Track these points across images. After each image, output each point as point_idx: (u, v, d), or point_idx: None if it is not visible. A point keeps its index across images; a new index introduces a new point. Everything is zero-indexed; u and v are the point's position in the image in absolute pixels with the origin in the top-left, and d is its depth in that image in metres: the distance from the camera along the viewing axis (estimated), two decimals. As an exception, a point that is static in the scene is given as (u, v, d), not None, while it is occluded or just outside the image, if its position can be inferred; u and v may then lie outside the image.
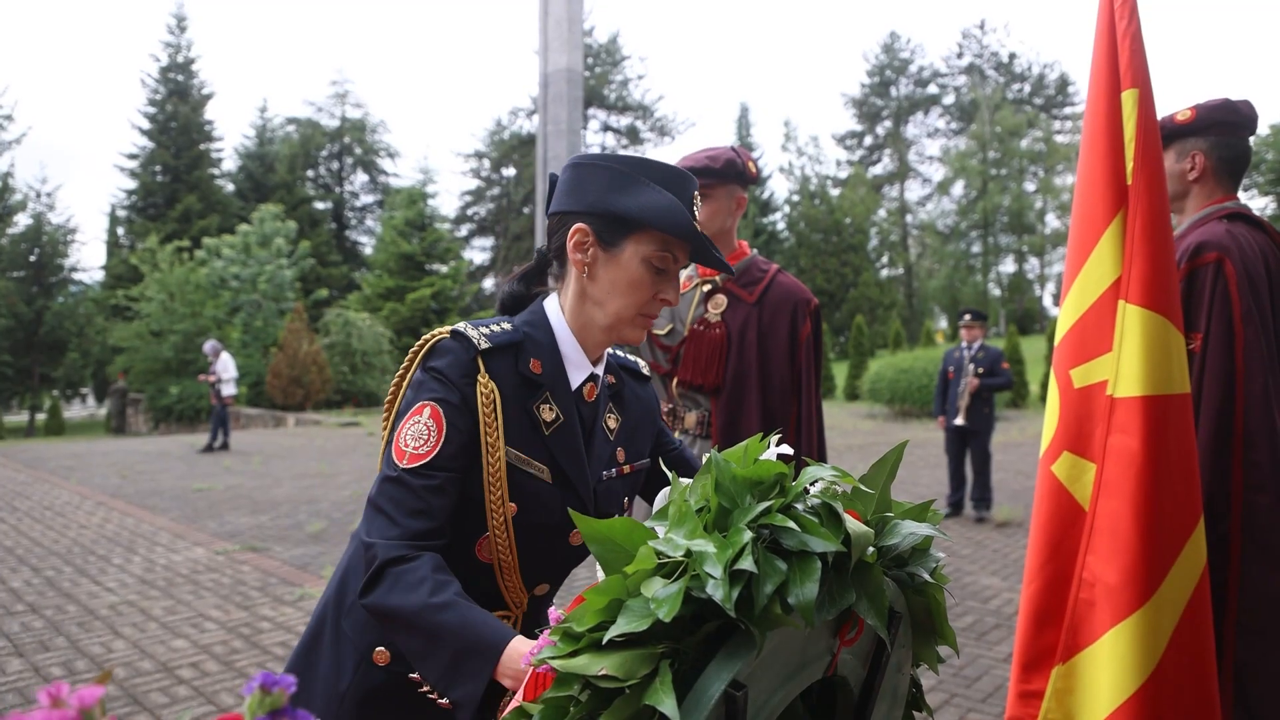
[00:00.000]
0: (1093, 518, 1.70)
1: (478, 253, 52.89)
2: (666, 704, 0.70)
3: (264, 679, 0.47)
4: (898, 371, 16.43)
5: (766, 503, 0.84)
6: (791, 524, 0.81)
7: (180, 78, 40.41)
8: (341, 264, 43.29)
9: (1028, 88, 53.83)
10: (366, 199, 51.06)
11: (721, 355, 2.26)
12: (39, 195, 35.60)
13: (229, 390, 13.32)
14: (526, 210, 48.82)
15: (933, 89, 55.00)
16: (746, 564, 0.76)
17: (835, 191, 41.41)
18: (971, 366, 6.72)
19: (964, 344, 6.92)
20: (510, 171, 52.53)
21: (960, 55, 54.53)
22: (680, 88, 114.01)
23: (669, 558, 0.80)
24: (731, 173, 2.28)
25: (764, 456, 0.93)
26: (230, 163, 44.22)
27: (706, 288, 2.35)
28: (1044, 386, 17.71)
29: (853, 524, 0.85)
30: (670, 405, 2.36)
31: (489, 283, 52.47)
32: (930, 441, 12.34)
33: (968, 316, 6.92)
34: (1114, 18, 1.80)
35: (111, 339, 27.15)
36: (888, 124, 55.36)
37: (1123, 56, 1.78)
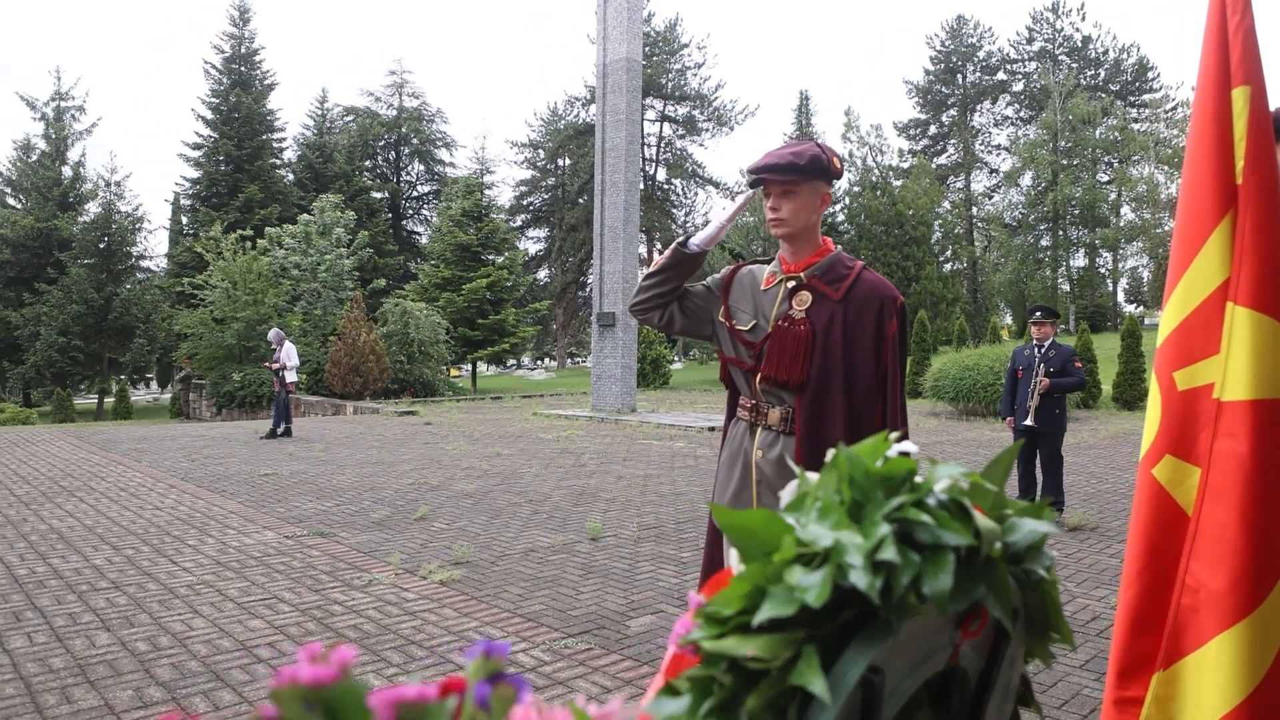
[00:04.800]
0: (1197, 523, 1.66)
1: (532, 243, 53.26)
2: (816, 684, 0.72)
3: (486, 646, 0.51)
4: (962, 369, 16.14)
5: (901, 498, 0.85)
6: (926, 518, 0.83)
7: (243, 69, 41.37)
8: (398, 254, 43.92)
9: (1103, 73, 52.24)
10: (422, 189, 51.73)
11: (806, 352, 2.25)
12: (108, 184, 36.78)
13: (292, 377, 13.62)
14: (582, 200, 48.97)
15: (1001, 75, 53.76)
16: (889, 554, 0.78)
17: (898, 183, 40.71)
18: (1042, 366, 6.58)
19: (1034, 342, 6.78)
20: (566, 161, 52.74)
21: (1031, 40, 53.14)
22: (739, 76, 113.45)
23: (809, 548, 0.81)
24: (817, 169, 2.27)
25: (889, 454, 0.94)
26: (290, 153, 45.17)
27: (791, 284, 2.34)
28: (1116, 387, 17.32)
29: (982, 520, 0.86)
30: (753, 401, 2.36)
31: (543, 273, 52.84)
32: (997, 442, 12.13)
33: (1038, 314, 6.77)
34: (1225, 13, 1.75)
35: (176, 325, 27.90)
36: (953, 112, 54.31)
37: (1234, 52, 1.73)
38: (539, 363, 62.82)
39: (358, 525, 6.69)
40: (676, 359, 45.75)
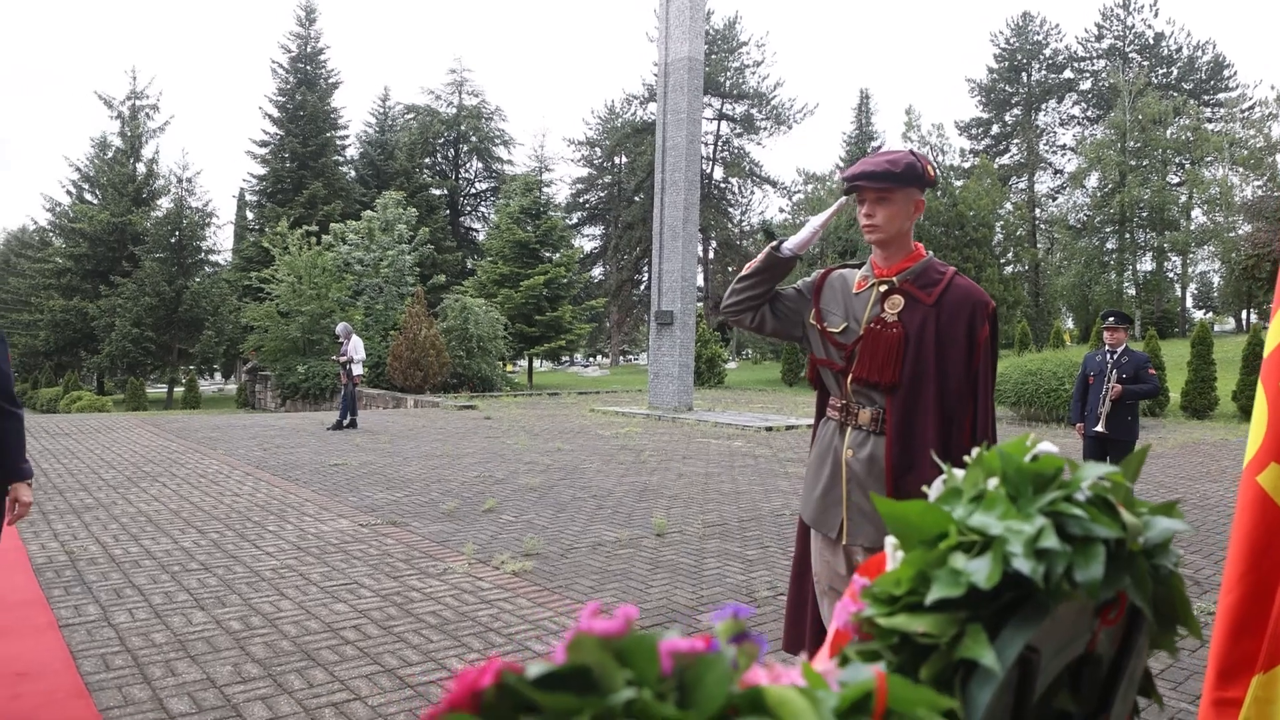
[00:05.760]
0: (1301, 529, 1.68)
1: (587, 240, 53.56)
2: (987, 656, 0.81)
3: (734, 609, 0.59)
4: (1024, 374, 15.89)
5: (1053, 492, 0.93)
6: (1078, 511, 0.91)
7: (308, 68, 42.27)
8: (455, 250, 44.50)
9: (1176, 71, 50.73)
10: (480, 186, 52.33)
11: (899, 354, 2.31)
12: (180, 181, 37.88)
13: (359, 371, 13.95)
14: (638, 198, 49.12)
15: (1068, 74, 52.50)
16: (1050, 542, 0.86)
17: (959, 183, 40.09)
18: (1114, 372, 6.50)
19: (1106, 347, 6.69)
20: (622, 159, 52.93)
21: (1100, 37, 51.82)
22: (798, 73, 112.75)
23: (973, 535, 0.90)
24: (911, 176, 2.32)
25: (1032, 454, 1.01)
26: (353, 150, 46.06)
27: (883, 288, 2.40)
28: (1185, 395, 16.89)
29: (1127, 515, 0.94)
30: (844, 401, 2.42)
31: (597, 270, 53.12)
32: (1064, 449, 11.93)
33: (1111, 318, 6.68)
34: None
35: (243, 318, 28.67)
36: (1017, 111, 53.24)
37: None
38: (591, 360, 63.16)
39: (428, 515, 6.87)
40: (731, 359, 45.65)
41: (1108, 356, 6.68)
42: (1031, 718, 0.92)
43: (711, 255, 52.29)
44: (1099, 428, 6.57)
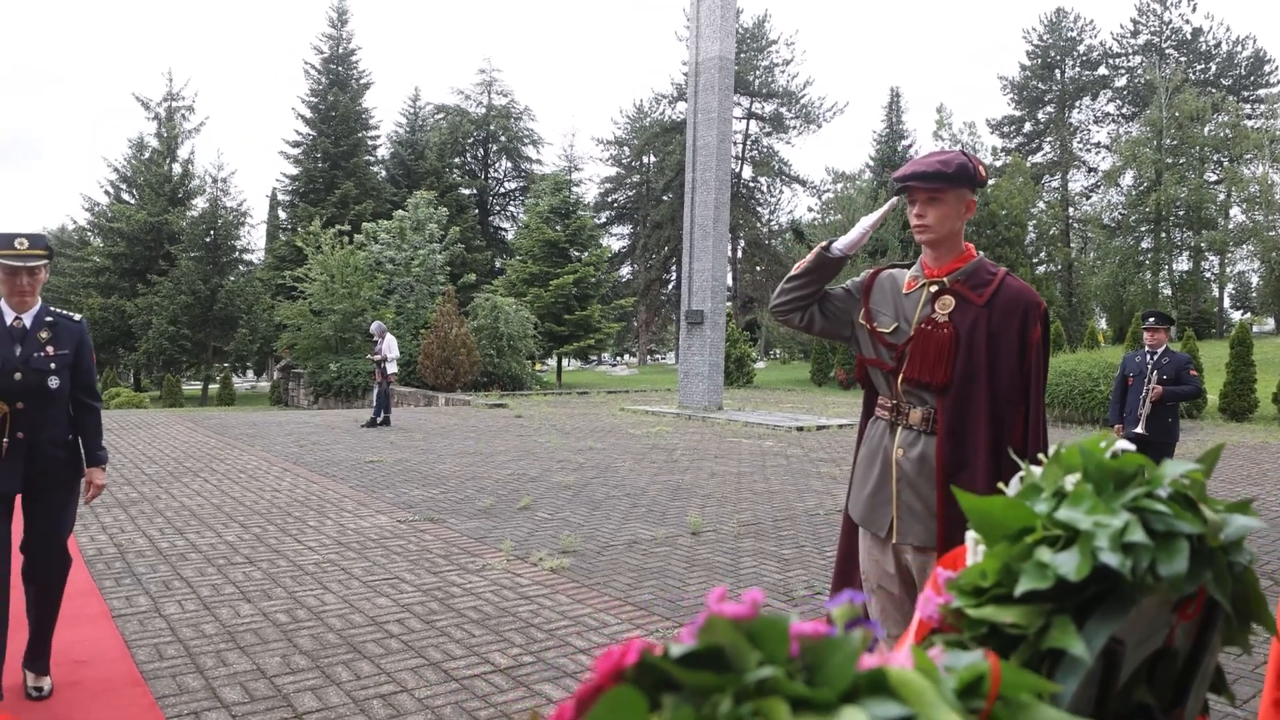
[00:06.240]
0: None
1: (615, 240, 53.63)
2: (1077, 645, 0.83)
3: (850, 595, 0.62)
4: (1058, 374, 15.73)
5: (1136, 489, 0.96)
6: (1162, 508, 0.93)
7: (340, 69, 42.68)
8: (485, 249, 44.76)
9: (1214, 67, 49.80)
10: (509, 186, 52.59)
11: (950, 355, 2.32)
12: (215, 181, 38.39)
13: (393, 369, 14.10)
14: (666, 198, 49.13)
15: (1103, 70, 51.72)
16: (1138, 537, 0.88)
17: (990, 182, 39.73)
18: (1155, 373, 6.43)
19: (1146, 348, 6.62)
20: (651, 159, 52.97)
21: (1136, 33, 50.99)
22: (827, 72, 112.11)
23: (1059, 529, 0.92)
24: (964, 176, 2.33)
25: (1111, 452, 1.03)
26: (384, 150, 46.45)
27: (934, 288, 2.41)
28: (1224, 397, 16.63)
29: (1208, 511, 0.96)
30: (894, 401, 2.44)
31: (625, 269, 53.19)
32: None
33: (1151, 319, 6.61)
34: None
35: (277, 316, 29.02)
36: (1050, 109, 52.56)
37: None
38: (619, 359, 63.28)
39: (465, 512, 6.94)
40: (759, 358, 45.55)
41: (1148, 357, 6.61)
42: (1114, 708, 0.94)
43: (739, 255, 52.19)
44: (1138, 429, 6.51)
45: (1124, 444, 1.07)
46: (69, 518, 3.40)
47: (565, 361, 37.10)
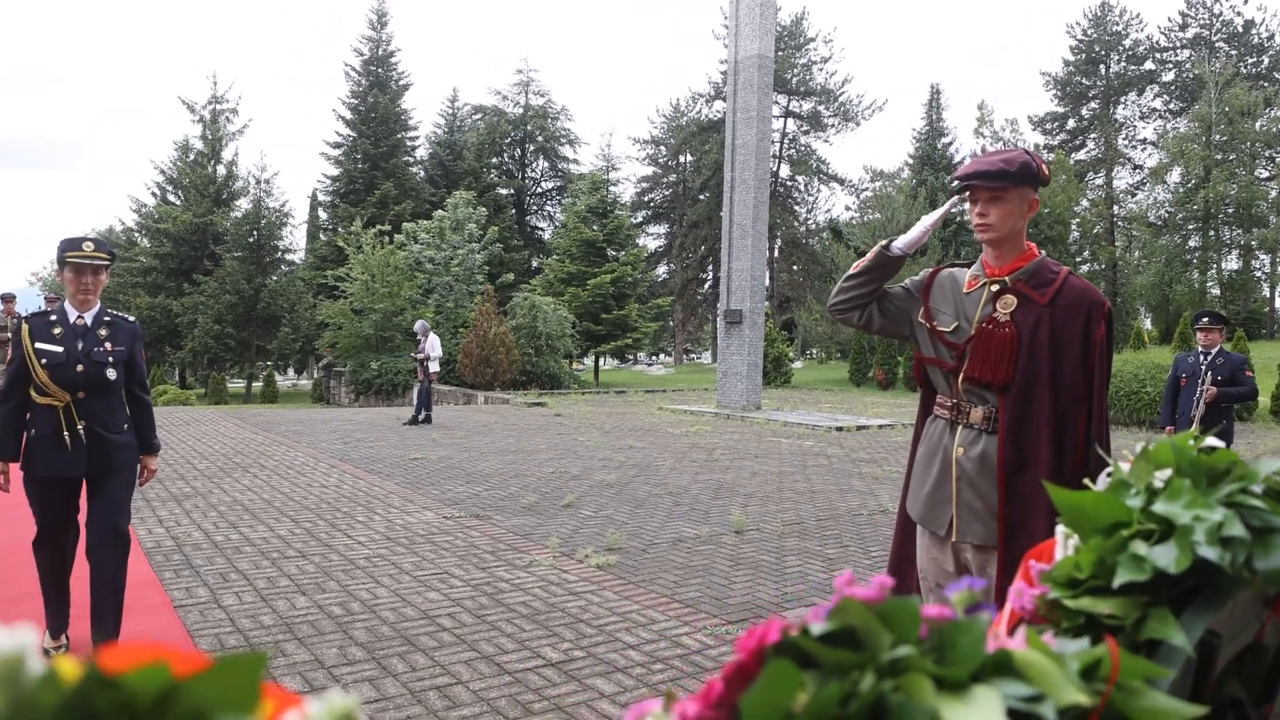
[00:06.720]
0: None
1: (651, 239, 53.65)
2: (1177, 636, 0.85)
3: (969, 582, 0.63)
4: (1101, 374, 15.51)
5: (1231, 485, 0.97)
6: (1258, 503, 0.94)
7: (380, 70, 43.14)
8: (522, 249, 45.01)
9: (1267, 60, 48.54)
10: (546, 185, 52.84)
11: (1012, 354, 2.32)
12: (258, 182, 39.04)
13: (435, 368, 14.26)
14: (703, 197, 49.06)
15: (1149, 65, 50.70)
16: (1236, 530, 0.89)
17: (1042, 181, 39.06)
18: (1209, 374, 6.33)
19: (1200, 349, 6.52)
20: (688, 158, 52.92)
21: (1184, 26, 49.91)
22: (866, 69, 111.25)
23: (1148, 524, 0.93)
24: (1026, 175, 2.32)
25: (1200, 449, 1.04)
26: (423, 150, 46.90)
27: (995, 288, 2.40)
28: (1275, 399, 16.27)
29: None
30: (954, 400, 2.44)
31: (662, 269, 53.21)
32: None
33: (1205, 319, 6.51)
34: None
35: (319, 315, 29.44)
36: (1094, 105, 51.63)
37: None
38: (655, 358, 63.31)
39: (509, 509, 7.01)
40: (797, 358, 45.33)
41: (1201, 358, 6.51)
42: (1207, 701, 0.96)
43: (776, 254, 51.97)
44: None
45: (1214, 440, 1.08)
46: (127, 500, 3.72)
47: (602, 361, 37.20)
